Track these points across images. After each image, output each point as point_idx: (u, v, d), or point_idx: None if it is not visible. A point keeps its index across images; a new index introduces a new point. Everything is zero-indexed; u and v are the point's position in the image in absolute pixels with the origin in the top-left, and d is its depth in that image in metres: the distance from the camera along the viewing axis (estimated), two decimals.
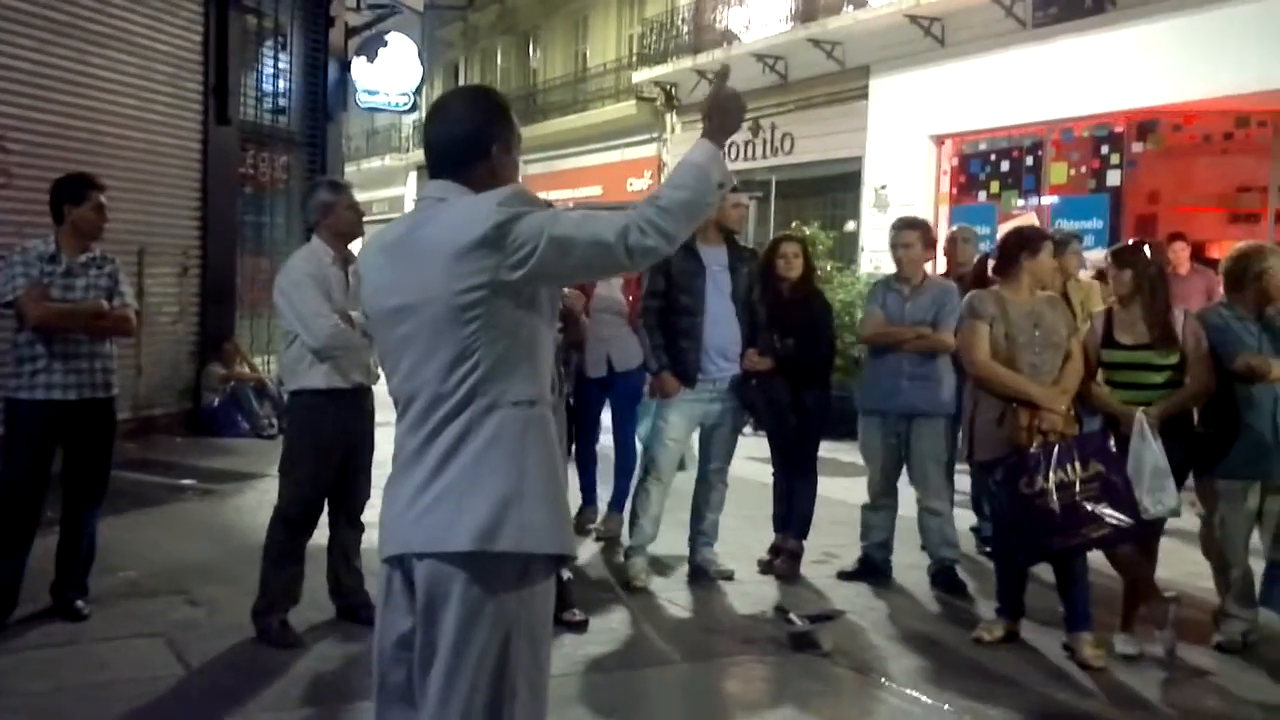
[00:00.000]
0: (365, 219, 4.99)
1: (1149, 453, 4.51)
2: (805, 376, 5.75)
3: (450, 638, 2.19)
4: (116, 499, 6.04)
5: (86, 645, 4.53)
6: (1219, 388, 4.77)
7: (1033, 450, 4.61)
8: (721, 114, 2.32)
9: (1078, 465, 4.53)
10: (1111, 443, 4.59)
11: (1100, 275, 6.80)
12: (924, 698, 4.30)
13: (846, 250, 13.41)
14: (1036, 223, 9.77)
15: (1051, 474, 4.52)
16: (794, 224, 11.40)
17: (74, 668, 4.30)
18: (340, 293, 4.58)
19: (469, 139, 2.36)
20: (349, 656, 4.39)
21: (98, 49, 9.00)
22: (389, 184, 26.43)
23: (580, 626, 4.87)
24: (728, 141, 2.33)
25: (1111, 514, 4.49)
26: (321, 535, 4.83)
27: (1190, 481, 4.91)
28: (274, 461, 4.88)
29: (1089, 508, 4.49)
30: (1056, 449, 4.58)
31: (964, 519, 6.16)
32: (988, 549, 5.93)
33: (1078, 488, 4.50)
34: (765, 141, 15.96)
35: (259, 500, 6.32)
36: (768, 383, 5.63)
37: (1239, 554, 4.81)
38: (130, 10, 9.36)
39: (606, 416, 6.78)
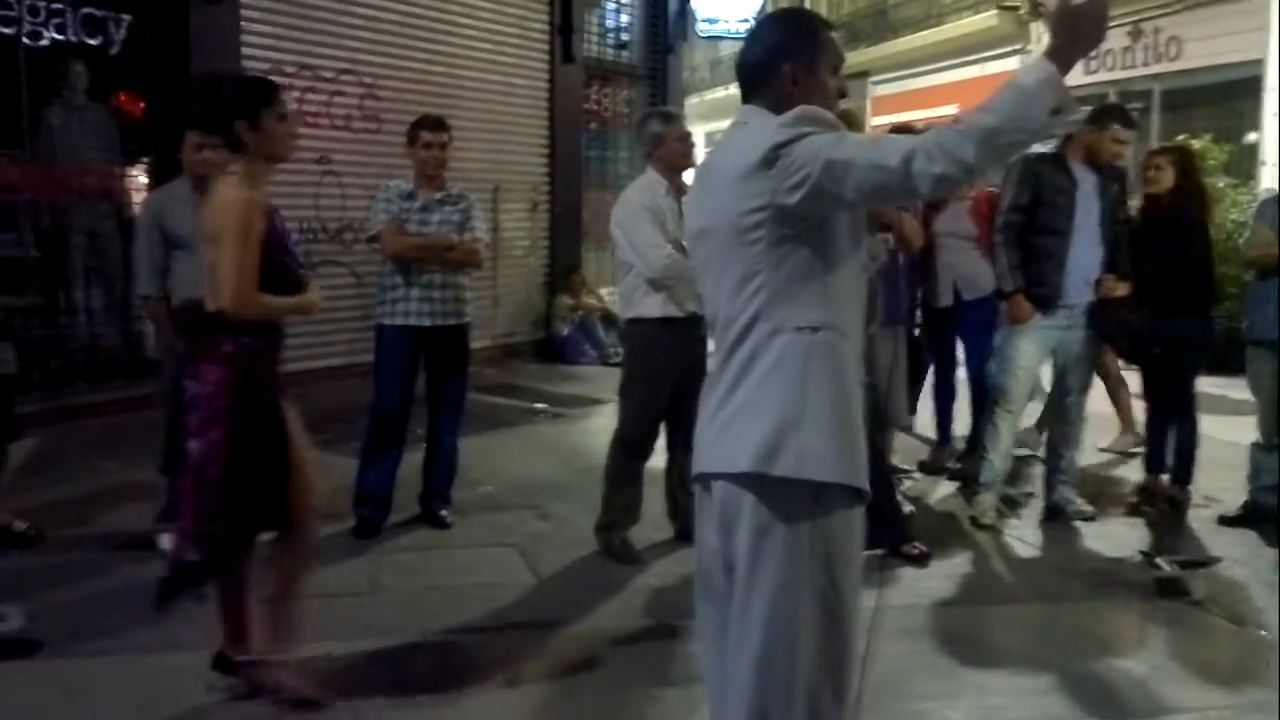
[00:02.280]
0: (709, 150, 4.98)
1: None
2: (1171, 304, 5.21)
3: (745, 553, 2.21)
4: (477, 420, 6.51)
5: (449, 551, 4.90)
6: None
7: None
8: (1074, 27, 2.00)
9: None
10: None
11: None
12: None
13: (1245, 165, 12.04)
14: None
15: None
16: (1179, 137, 10.32)
17: (438, 570, 4.66)
18: (674, 223, 4.61)
19: (763, 58, 2.31)
20: (685, 575, 4.45)
21: None
22: (732, 114, 26.39)
23: (921, 560, 4.71)
24: (1078, 59, 2.02)
25: None
26: (660, 458, 4.93)
27: None
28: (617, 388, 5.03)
29: None
30: None
31: None
32: None
33: None
34: (1147, 47, 14.52)
35: (604, 424, 6.54)
36: (1124, 309, 5.14)
37: None
38: None
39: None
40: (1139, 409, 5.73)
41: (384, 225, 4.98)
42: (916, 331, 6.06)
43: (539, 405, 8.21)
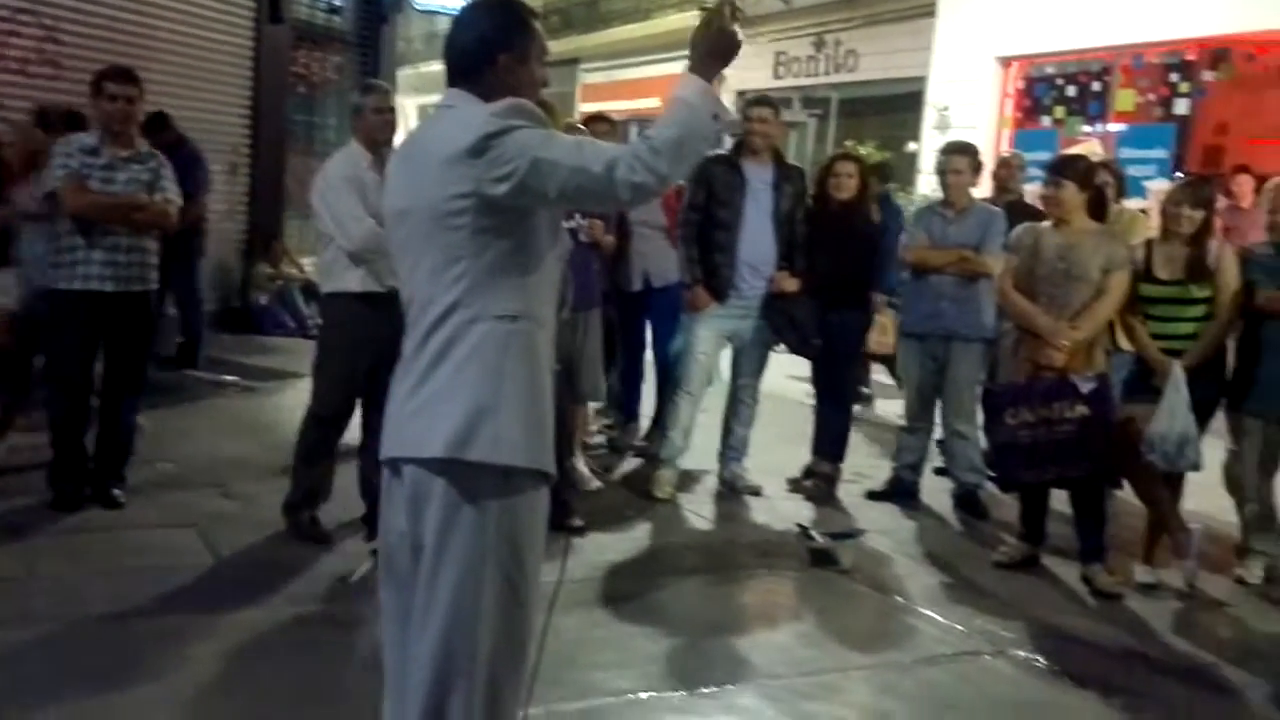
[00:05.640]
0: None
1: (1180, 411, 4.48)
2: (837, 298, 5.68)
3: (433, 535, 2.27)
4: (160, 393, 6.21)
5: (120, 532, 4.67)
6: (1252, 324, 4.71)
7: (1023, 382, 4.66)
8: (710, 51, 2.24)
9: (1065, 404, 4.52)
10: (1109, 390, 4.62)
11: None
12: (939, 617, 4.34)
13: (906, 172, 13.14)
14: (1099, 150, 9.48)
15: (1038, 408, 4.52)
16: (848, 143, 11.18)
17: (105, 553, 4.43)
18: (376, 196, 4.58)
19: (477, 47, 2.35)
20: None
21: None
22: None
23: (581, 530, 4.88)
24: (719, 74, 2.26)
25: (1083, 458, 4.54)
26: (354, 435, 4.91)
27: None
28: None
29: (1064, 447, 4.52)
30: (1049, 384, 4.56)
31: None
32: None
33: (1060, 427, 4.52)
34: (828, 58, 15.59)
35: (300, 399, 6.36)
36: (792, 303, 5.58)
37: (1253, 489, 4.81)
38: None
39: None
40: (804, 392, 6.16)
41: (63, 181, 4.68)
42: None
43: (229, 378, 7.91)
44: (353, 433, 4.86)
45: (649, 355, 6.57)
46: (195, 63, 9.48)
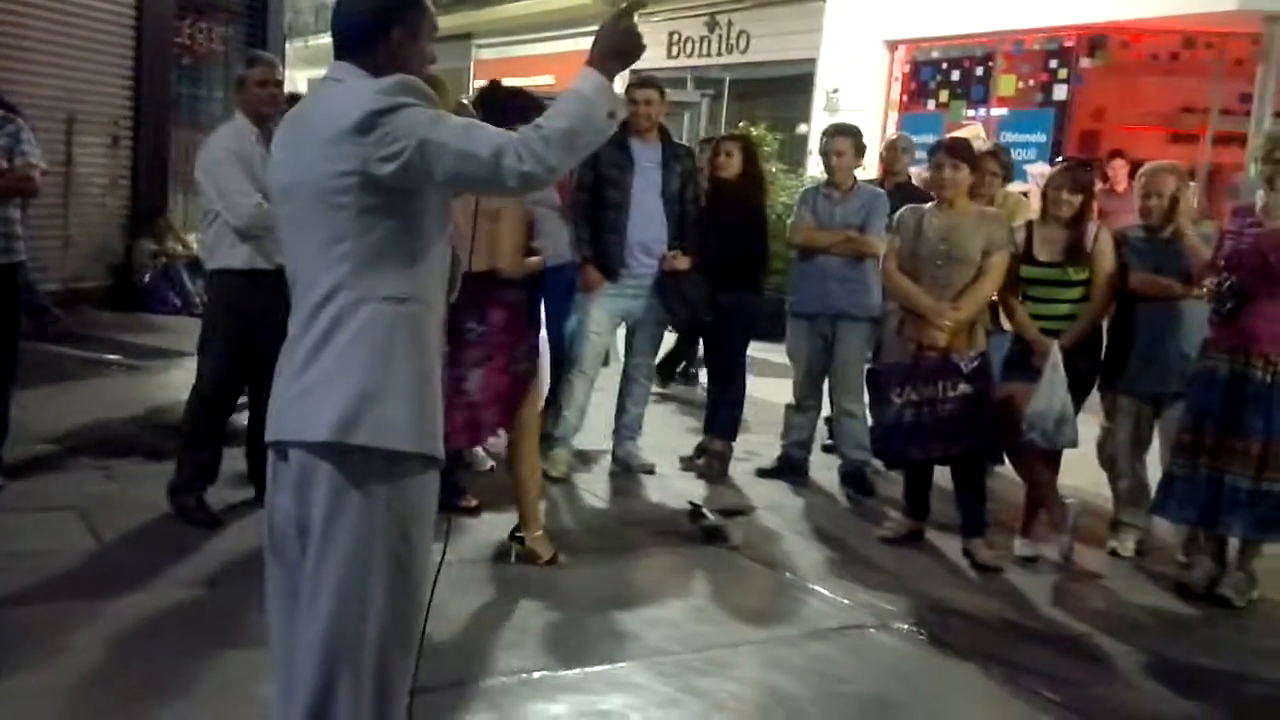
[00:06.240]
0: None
1: (1058, 390, 4.64)
2: (728, 278, 5.73)
3: (320, 520, 2.24)
4: (38, 371, 6.02)
5: None
6: (1126, 306, 4.90)
7: (908, 361, 4.78)
8: (614, 49, 2.22)
9: (948, 383, 4.66)
10: (989, 368, 4.75)
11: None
12: (825, 591, 4.45)
13: (797, 153, 13.30)
14: (982, 133, 9.74)
15: (922, 387, 4.66)
16: (740, 124, 11.30)
17: None
18: (262, 171, 4.49)
19: (367, 21, 2.30)
20: (263, 537, 4.41)
21: None
22: None
23: (474, 511, 4.92)
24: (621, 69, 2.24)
25: (965, 435, 4.68)
26: (243, 416, 4.82)
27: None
28: None
29: (947, 425, 4.66)
30: (932, 363, 4.70)
31: None
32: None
33: (944, 405, 4.65)
34: (721, 38, 15.68)
35: (184, 378, 6.23)
36: (683, 282, 5.62)
37: (1125, 465, 5.02)
38: None
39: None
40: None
41: None
42: None
43: (111, 356, 7.68)
44: (241, 413, 4.79)
45: (543, 334, 6.56)
46: (73, 31, 9.13)
